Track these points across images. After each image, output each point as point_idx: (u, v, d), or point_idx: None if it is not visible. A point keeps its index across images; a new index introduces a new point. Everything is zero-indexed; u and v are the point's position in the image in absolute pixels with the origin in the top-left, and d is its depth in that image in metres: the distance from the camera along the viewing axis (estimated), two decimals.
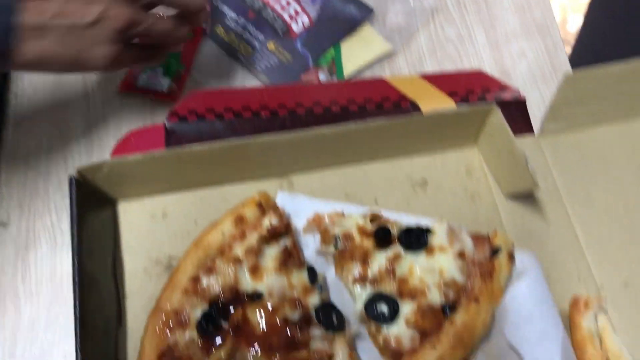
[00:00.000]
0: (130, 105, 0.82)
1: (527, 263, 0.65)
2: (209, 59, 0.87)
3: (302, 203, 0.70)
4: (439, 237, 0.65)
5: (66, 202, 0.75)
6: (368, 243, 0.64)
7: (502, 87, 0.80)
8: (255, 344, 0.59)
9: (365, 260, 0.63)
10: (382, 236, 0.64)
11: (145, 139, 0.74)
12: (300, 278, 0.63)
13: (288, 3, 0.89)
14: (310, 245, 0.69)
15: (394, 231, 0.65)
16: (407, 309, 0.60)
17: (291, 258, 0.64)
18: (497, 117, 0.68)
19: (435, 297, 0.61)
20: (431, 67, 0.88)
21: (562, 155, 0.75)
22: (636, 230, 0.71)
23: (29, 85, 0.84)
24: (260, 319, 0.60)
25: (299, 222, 0.69)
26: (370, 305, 0.61)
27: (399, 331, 0.60)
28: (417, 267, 0.63)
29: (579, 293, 0.67)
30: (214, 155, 0.66)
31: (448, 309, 0.61)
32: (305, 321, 0.60)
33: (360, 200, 0.72)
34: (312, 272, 0.64)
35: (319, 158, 0.71)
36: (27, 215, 0.75)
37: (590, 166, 0.74)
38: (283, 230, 0.65)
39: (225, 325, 0.60)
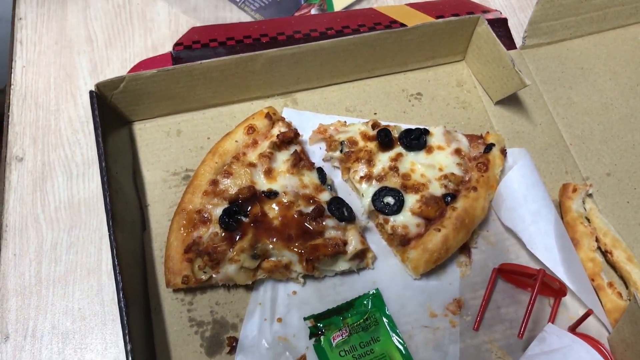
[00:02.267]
0: (134, 46, 0.86)
1: (518, 157, 0.70)
2: (205, 2, 0.91)
3: (306, 117, 0.75)
4: (436, 138, 0.70)
5: (78, 137, 0.79)
6: (371, 145, 0.69)
7: (485, 10, 0.86)
8: (274, 235, 0.63)
9: (370, 160, 0.68)
10: (384, 137, 0.69)
11: (153, 66, 0.77)
12: (311, 178, 0.68)
13: None
14: (317, 154, 0.73)
15: (395, 134, 0.70)
16: (411, 200, 0.65)
17: (301, 161, 0.68)
18: (484, 27, 0.74)
19: (436, 188, 0.66)
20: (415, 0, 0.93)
21: (543, 65, 0.80)
22: (614, 126, 0.77)
23: (33, 31, 0.87)
24: (277, 213, 0.64)
25: (304, 134, 0.73)
26: (377, 198, 0.66)
27: (405, 219, 0.65)
28: (418, 164, 0.68)
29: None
30: (222, 70, 0.70)
31: (449, 198, 0.66)
32: (318, 213, 0.65)
33: (360, 113, 0.77)
34: (321, 173, 0.69)
35: (319, 75, 0.76)
36: (42, 149, 0.79)
37: (569, 73, 0.80)
38: (292, 136, 0.69)
39: (245, 219, 0.64)
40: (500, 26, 0.83)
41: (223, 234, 0.63)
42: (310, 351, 0.62)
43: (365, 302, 0.64)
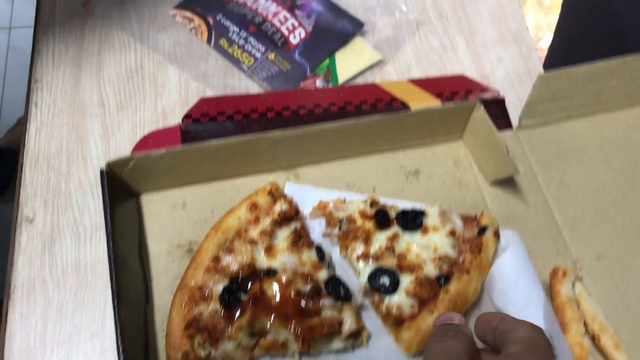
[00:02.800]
0: (145, 110, 0.89)
1: (511, 239, 0.73)
2: (214, 69, 0.95)
3: (307, 192, 0.78)
4: (432, 218, 0.73)
5: (87, 200, 0.83)
6: (369, 224, 0.72)
7: (483, 89, 0.89)
8: (272, 314, 0.66)
9: (367, 240, 0.71)
10: (381, 218, 0.72)
11: (162, 139, 0.81)
12: (309, 256, 0.71)
13: (286, 18, 0.98)
14: (317, 229, 0.76)
15: (392, 214, 0.73)
16: (406, 280, 0.68)
17: (301, 239, 0.71)
18: (480, 112, 0.77)
19: (430, 270, 0.69)
20: (417, 74, 0.96)
21: (538, 147, 0.83)
22: (606, 209, 0.79)
23: (48, 93, 0.91)
24: (275, 292, 0.67)
25: (305, 209, 0.76)
26: (373, 278, 0.69)
27: (400, 300, 0.67)
28: (413, 244, 0.71)
29: (557, 266, 0.75)
30: (228, 149, 0.73)
31: (442, 279, 0.68)
32: (316, 293, 0.67)
33: (360, 189, 0.79)
34: (320, 251, 0.72)
35: (321, 152, 0.79)
36: (52, 211, 0.82)
37: (563, 155, 0.83)
38: (293, 214, 0.72)
39: (244, 297, 0.66)
40: (497, 106, 0.86)
41: (223, 312, 0.66)
42: None
43: None
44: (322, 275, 0.69)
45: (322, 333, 0.65)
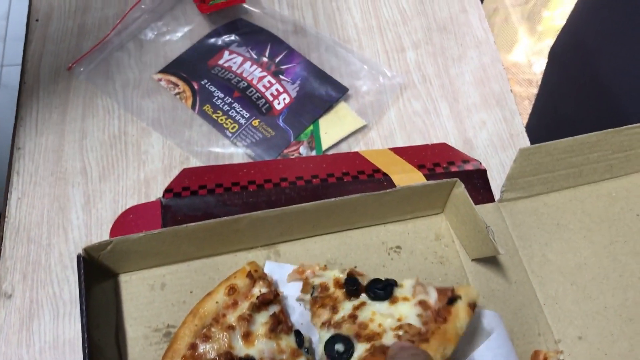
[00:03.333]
0: (127, 179, 0.89)
1: (493, 322, 0.72)
2: (198, 135, 0.95)
3: (288, 271, 0.77)
4: (406, 289, 0.70)
5: (67, 273, 0.82)
6: (339, 293, 0.71)
7: (465, 159, 0.89)
8: None
9: (334, 308, 0.70)
10: (350, 286, 0.71)
11: (142, 214, 0.80)
12: (288, 342, 0.70)
13: (270, 83, 0.98)
14: (297, 310, 0.75)
15: (363, 281, 0.71)
16: (360, 349, 0.65)
17: (280, 324, 0.70)
18: (461, 190, 0.77)
19: (389, 338, 0.65)
20: (401, 139, 0.96)
21: (520, 220, 0.83)
22: (587, 287, 0.79)
23: (30, 161, 0.91)
24: None
25: (285, 289, 0.75)
26: (329, 344, 0.67)
27: None
28: (378, 314, 0.68)
29: (539, 347, 0.74)
30: (207, 230, 0.73)
31: None
32: None
33: (341, 265, 0.79)
34: (299, 336, 0.71)
35: (302, 229, 0.78)
36: (31, 286, 0.81)
37: (545, 229, 0.83)
38: (272, 297, 0.71)
39: None
40: (479, 177, 0.86)
41: None
42: None
43: None
44: None
45: None
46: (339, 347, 0.66)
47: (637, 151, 0.85)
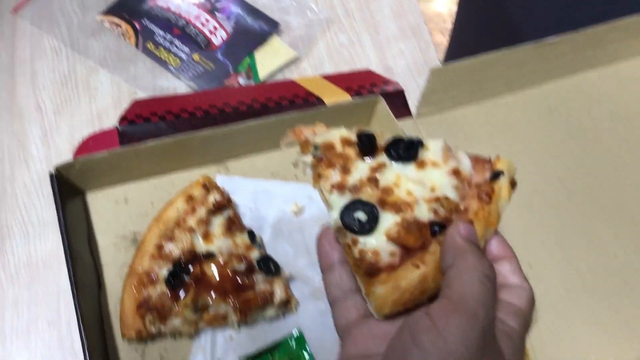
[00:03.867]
0: (81, 114, 0.97)
1: None
2: (143, 71, 1.03)
3: (237, 182, 0.88)
4: (432, 153, 0.58)
5: (32, 199, 0.90)
6: (350, 151, 0.58)
7: (386, 82, 1.02)
8: (213, 291, 0.76)
9: (345, 167, 0.57)
10: (365, 142, 0.57)
11: (102, 141, 0.89)
12: (242, 239, 0.81)
13: (207, 20, 1.06)
14: (247, 215, 0.86)
15: (381, 141, 0.58)
16: (388, 220, 0.53)
17: (234, 224, 0.82)
18: (383, 105, 0.89)
19: (423, 212, 0.54)
20: (330, 69, 1.08)
21: (433, 131, 0.96)
22: None
23: None
24: (214, 272, 0.77)
25: (236, 198, 0.86)
26: (347, 212, 0.54)
27: (378, 244, 0.52)
28: (404, 178, 0.55)
29: None
30: (163, 148, 0.82)
31: (437, 227, 0.53)
32: (249, 270, 0.78)
33: (284, 178, 0.90)
34: (251, 234, 0.82)
35: (247, 145, 0.89)
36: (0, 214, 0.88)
37: (455, 138, 0.97)
38: (226, 203, 0.82)
39: (187, 279, 0.77)
40: (398, 97, 0.99)
41: (169, 292, 0.76)
42: None
43: (290, 342, 0.79)
44: (254, 255, 0.80)
45: (257, 304, 0.77)
46: (360, 215, 0.53)
47: (530, 67, 1.00)
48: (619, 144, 0.98)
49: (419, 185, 0.55)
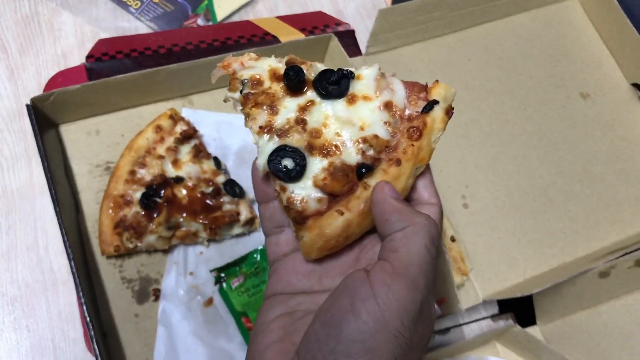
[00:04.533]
0: (45, 53, 1.01)
1: None
2: (105, 12, 1.07)
3: (201, 115, 0.95)
4: (364, 83, 0.54)
5: (4, 135, 0.94)
6: (277, 87, 0.55)
7: (338, 23, 1.09)
8: (183, 211, 0.84)
9: (272, 107, 0.54)
10: (293, 78, 0.53)
11: (70, 77, 0.93)
12: (209, 165, 0.89)
13: None
14: (212, 145, 0.94)
15: (309, 74, 0.54)
16: (316, 166, 0.52)
17: (200, 152, 0.89)
18: (335, 42, 0.97)
19: (351, 154, 0.52)
20: (284, 11, 1.14)
21: (382, 68, 1.05)
22: None
23: None
24: (184, 194, 0.85)
25: (201, 129, 0.93)
26: (274, 158, 0.52)
27: (305, 192, 0.52)
28: (333, 117, 0.53)
29: None
30: (132, 82, 0.88)
31: (364, 169, 0.52)
32: (217, 193, 0.86)
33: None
34: (217, 161, 0.90)
35: (210, 81, 0.95)
36: None
37: (400, 74, 1.03)
38: (192, 132, 0.89)
39: (159, 200, 0.84)
40: (349, 37, 1.07)
41: (143, 213, 0.83)
42: (215, 294, 0.85)
43: (255, 255, 0.87)
44: (221, 179, 0.88)
45: (225, 222, 0.85)
46: (288, 162, 0.52)
47: (470, 9, 1.09)
48: (547, 79, 1.09)
49: (348, 125, 0.53)
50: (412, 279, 0.44)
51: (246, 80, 0.55)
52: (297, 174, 0.52)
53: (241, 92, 0.55)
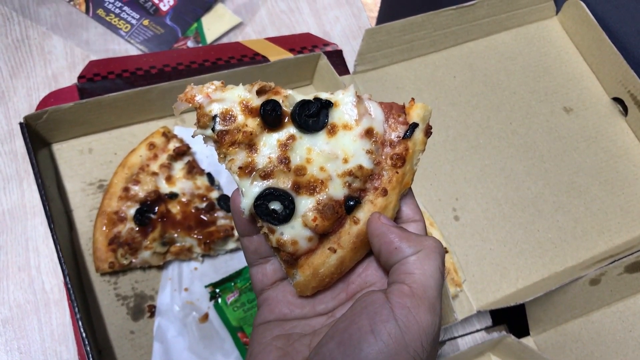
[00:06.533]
0: (36, 76, 1.01)
1: None
2: (95, 36, 1.08)
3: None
4: (343, 110, 0.52)
5: None
6: (253, 123, 0.51)
7: (325, 43, 1.11)
8: (178, 226, 0.84)
9: (251, 145, 0.51)
10: (270, 112, 0.50)
11: (62, 98, 0.94)
12: (202, 181, 0.89)
13: None
14: (205, 161, 0.94)
15: (286, 106, 0.52)
16: (304, 206, 0.50)
17: (194, 168, 0.89)
18: (324, 61, 0.99)
19: (337, 188, 0.51)
20: (272, 33, 1.16)
21: (369, 86, 1.07)
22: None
23: None
24: (178, 210, 0.85)
25: (194, 147, 0.94)
26: (261, 203, 0.50)
27: (295, 232, 0.50)
28: (316, 152, 0.51)
29: None
30: (125, 100, 0.89)
31: (352, 202, 0.51)
32: (210, 208, 0.86)
33: None
34: (210, 177, 0.90)
35: None
36: None
37: (388, 92, 1.07)
38: (185, 149, 0.90)
39: (154, 216, 0.84)
40: (337, 57, 1.09)
41: (137, 229, 0.83)
42: (211, 310, 0.84)
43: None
44: (214, 194, 0.88)
45: (219, 237, 0.85)
46: (276, 205, 0.50)
47: (452, 29, 1.12)
48: (530, 95, 1.12)
49: (332, 159, 0.51)
50: (431, 302, 0.45)
51: (217, 116, 0.51)
52: (286, 216, 0.50)
53: (213, 129, 0.52)
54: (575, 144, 1.08)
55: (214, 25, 1.13)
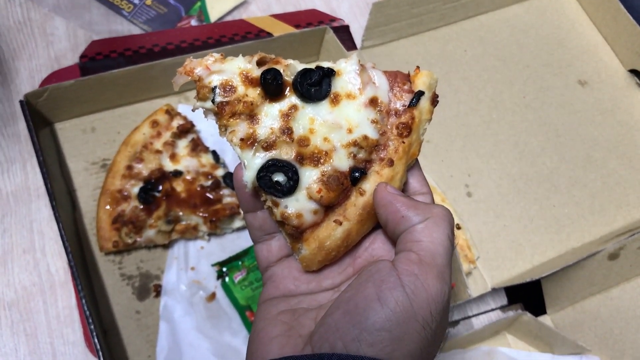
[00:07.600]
0: (39, 57, 1.00)
1: None
2: (98, 16, 1.06)
3: (198, 111, 0.93)
4: (346, 79, 0.50)
5: None
6: (254, 93, 0.50)
7: (332, 19, 1.09)
8: (183, 204, 0.82)
9: (252, 116, 0.49)
10: (271, 81, 0.49)
11: (64, 77, 0.92)
12: (207, 159, 0.87)
13: None
14: (209, 139, 0.92)
15: (288, 75, 0.50)
16: (308, 177, 0.49)
17: (198, 146, 0.87)
18: (330, 35, 0.96)
19: (342, 159, 0.49)
20: (277, 10, 1.13)
21: (378, 62, 1.02)
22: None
23: None
24: (183, 188, 0.83)
25: (198, 124, 0.92)
26: (264, 175, 0.48)
27: (300, 205, 0.49)
28: (319, 122, 0.50)
29: None
30: (127, 77, 0.87)
31: (357, 173, 0.49)
32: (216, 185, 0.84)
33: None
34: (215, 154, 0.88)
35: None
36: None
37: (397, 67, 1.04)
38: (189, 126, 0.88)
39: (158, 194, 0.82)
40: (344, 32, 1.06)
41: (142, 207, 0.81)
42: (218, 289, 0.82)
43: None
44: (219, 172, 0.86)
45: (225, 215, 0.83)
46: (280, 177, 0.49)
47: (463, 2, 1.09)
48: (544, 68, 1.09)
49: (336, 129, 0.49)
50: (439, 269, 0.44)
51: (217, 87, 0.50)
52: (290, 188, 0.48)
53: (213, 100, 0.50)
54: (591, 117, 1.05)
55: (218, 4, 1.11)
